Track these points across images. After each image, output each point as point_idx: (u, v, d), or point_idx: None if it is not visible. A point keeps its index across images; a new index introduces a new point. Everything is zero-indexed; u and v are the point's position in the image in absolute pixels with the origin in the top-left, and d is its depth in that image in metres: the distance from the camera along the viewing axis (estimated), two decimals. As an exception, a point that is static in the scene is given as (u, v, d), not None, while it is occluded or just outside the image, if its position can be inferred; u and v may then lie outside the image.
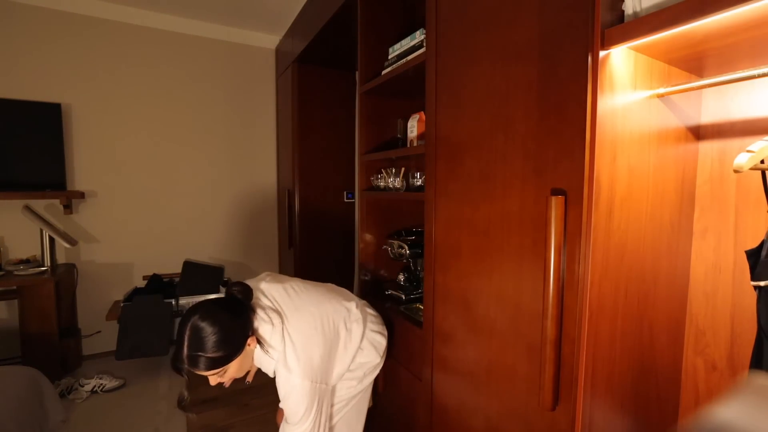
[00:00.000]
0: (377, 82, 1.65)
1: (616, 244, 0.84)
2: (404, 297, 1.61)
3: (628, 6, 0.77)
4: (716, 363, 1.01)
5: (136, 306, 2.46)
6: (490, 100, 1.02)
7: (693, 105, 1.00)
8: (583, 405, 0.81)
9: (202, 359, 1.00)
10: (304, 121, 2.81)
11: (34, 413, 1.53)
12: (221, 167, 3.14)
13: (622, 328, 0.88)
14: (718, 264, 1.00)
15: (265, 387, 2.33)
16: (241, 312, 1.12)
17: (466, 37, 1.09)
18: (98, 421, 1.99)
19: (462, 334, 1.16)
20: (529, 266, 0.92)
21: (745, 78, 0.74)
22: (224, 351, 1.02)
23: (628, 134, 0.83)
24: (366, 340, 1.36)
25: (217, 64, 3.06)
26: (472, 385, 1.12)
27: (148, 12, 2.80)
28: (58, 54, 2.59)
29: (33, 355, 2.25)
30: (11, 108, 2.42)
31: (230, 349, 1.03)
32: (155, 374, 2.51)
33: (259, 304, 1.20)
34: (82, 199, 2.71)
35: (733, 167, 0.74)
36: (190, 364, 1.01)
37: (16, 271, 2.35)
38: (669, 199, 0.96)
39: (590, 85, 0.76)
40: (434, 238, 1.27)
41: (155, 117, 2.90)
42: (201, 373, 1.04)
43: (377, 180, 1.74)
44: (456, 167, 1.16)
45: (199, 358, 1.00)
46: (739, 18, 0.64)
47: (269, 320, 1.16)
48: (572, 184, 0.81)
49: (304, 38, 2.51)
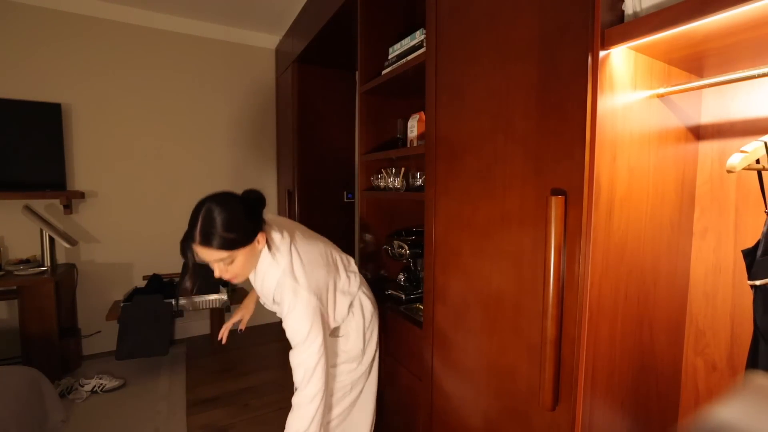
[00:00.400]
0: (377, 82, 1.65)
1: (616, 244, 0.84)
2: (404, 297, 1.61)
3: (628, 6, 0.77)
4: (716, 363, 1.01)
5: (136, 306, 2.46)
6: (490, 100, 1.02)
7: (693, 105, 1.00)
8: (583, 405, 0.81)
9: (214, 236, 0.98)
10: (304, 121, 2.81)
11: (34, 413, 1.53)
12: (221, 167, 3.14)
13: (622, 328, 0.88)
14: (718, 264, 1.00)
15: (265, 387, 2.33)
16: (254, 211, 1.09)
17: (466, 37, 1.09)
18: (98, 421, 1.99)
19: (462, 334, 1.16)
20: (529, 266, 0.92)
21: (745, 78, 0.74)
22: (235, 234, 1.00)
23: (628, 134, 0.83)
24: (357, 299, 1.37)
25: (217, 64, 3.06)
26: (472, 385, 1.12)
27: (148, 12, 2.80)
28: (58, 54, 2.59)
29: (33, 355, 2.25)
30: (11, 108, 2.42)
31: (241, 235, 1.02)
32: (155, 374, 2.51)
33: (269, 222, 1.19)
34: (82, 199, 2.71)
35: (726, 167, 0.74)
36: (202, 240, 0.98)
37: (16, 271, 2.35)
38: (669, 199, 0.96)
39: (590, 85, 0.76)
40: (434, 238, 1.27)
41: (155, 117, 2.90)
42: (209, 256, 1.01)
43: (377, 180, 1.74)
44: (456, 167, 1.16)
45: (212, 235, 0.98)
46: (739, 18, 0.63)
47: (279, 231, 1.15)
48: (572, 184, 0.81)
49: (304, 38, 2.51)
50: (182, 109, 2.98)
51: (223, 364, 2.63)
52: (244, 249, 1.04)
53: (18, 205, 2.49)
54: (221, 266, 1.04)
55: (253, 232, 1.06)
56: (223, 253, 1.01)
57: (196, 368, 2.59)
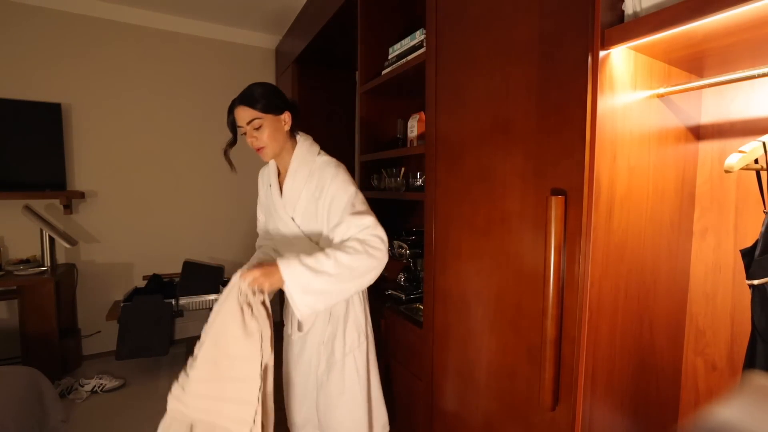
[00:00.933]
0: (377, 82, 1.65)
1: (616, 244, 0.84)
2: (404, 297, 1.61)
3: (628, 6, 0.77)
4: (716, 363, 1.01)
5: (136, 306, 2.46)
6: (490, 100, 1.02)
7: (693, 105, 1.00)
8: (583, 405, 0.81)
9: (249, 98, 1.17)
10: (303, 121, 2.81)
11: (34, 413, 1.53)
12: (221, 167, 3.13)
13: (622, 327, 0.88)
14: (718, 264, 1.00)
15: (265, 387, 2.33)
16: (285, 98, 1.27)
17: (466, 37, 1.09)
18: (98, 421, 1.99)
19: (462, 334, 1.16)
20: (529, 266, 0.92)
21: (745, 78, 0.75)
22: (266, 100, 1.18)
23: (628, 134, 0.83)
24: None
25: (217, 64, 3.06)
26: (472, 385, 1.12)
27: (148, 12, 2.80)
28: (58, 54, 2.59)
29: (33, 355, 2.25)
30: (11, 108, 2.42)
31: (272, 102, 1.20)
32: (155, 374, 2.51)
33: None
34: (82, 199, 2.71)
35: (724, 167, 0.74)
36: (240, 100, 1.18)
37: (16, 271, 2.35)
38: (669, 199, 0.96)
39: (590, 85, 0.76)
40: (434, 238, 1.27)
41: (155, 117, 2.90)
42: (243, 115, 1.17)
43: (377, 180, 1.74)
44: (456, 167, 1.16)
45: (248, 97, 1.18)
46: (739, 18, 0.64)
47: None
48: (572, 184, 0.81)
49: (304, 38, 2.51)
50: (182, 109, 2.98)
51: (223, 364, 2.63)
52: (271, 117, 1.20)
53: (18, 205, 2.49)
54: (251, 132, 1.19)
55: (280, 108, 1.22)
56: (254, 112, 1.17)
57: (196, 368, 2.59)
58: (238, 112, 1.19)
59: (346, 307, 1.28)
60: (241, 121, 1.19)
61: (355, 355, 1.27)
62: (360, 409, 1.27)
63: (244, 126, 1.19)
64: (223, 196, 3.17)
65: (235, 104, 1.20)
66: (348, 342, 1.27)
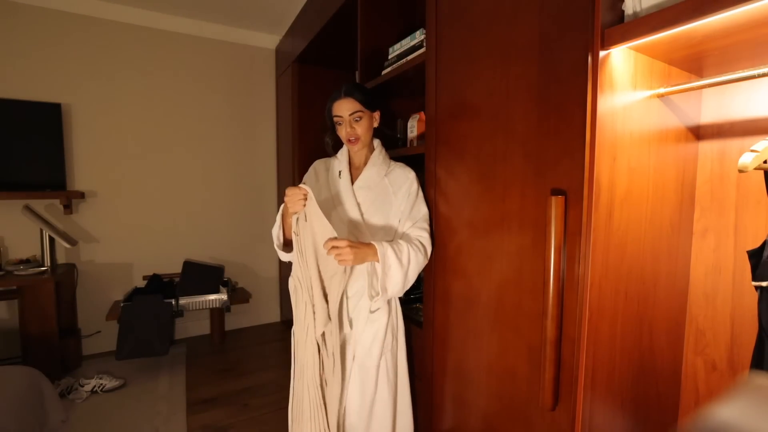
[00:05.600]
0: (377, 82, 1.65)
1: (616, 244, 0.84)
2: (404, 297, 1.61)
3: (628, 6, 0.77)
4: (716, 363, 1.01)
5: (136, 306, 2.46)
6: (490, 100, 1.02)
7: (693, 105, 1.00)
8: (583, 405, 0.81)
9: (356, 91, 1.27)
10: (304, 121, 2.81)
11: (34, 413, 1.53)
12: (221, 167, 3.14)
13: (622, 328, 0.88)
14: (718, 264, 1.00)
15: (264, 387, 2.33)
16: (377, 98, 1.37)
17: (466, 37, 1.09)
18: (98, 421, 1.99)
19: (462, 334, 1.16)
20: (529, 266, 0.92)
21: (745, 78, 0.74)
22: (369, 97, 1.30)
23: (628, 134, 0.83)
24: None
25: (217, 64, 3.06)
26: (473, 385, 1.12)
27: (148, 12, 2.80)
28: (58, 54, 2.59)
29: (33, 355, 2.25)
30: (11, 108, 2.42)
31: (373, 100, 1.31)
32: (155, 374, 2.51)
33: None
34: (82, 199, 2.70)
35: (738, 167, 0.73)
36: (346, 92, 1.27)
37: (16, 271, 2.34)
38: (669, 200, 0.96)
39: (590, 85, 0.76)
40: (434, 238, 1.27)
41: (155, 117, 2.90)
42: (347, 106, 1.26)
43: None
44: (456, 167, 1.16)
45: (355, 90, 1.28)
46: (739, 18, 0.64)
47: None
48: (572, 185, 0.81)
49: (304, 38, 2.51)
50: (182, 109, 2.98)
51: (223, 364, 2.63)
52: (369, 113, 1.31)
53: (18, 205, 2.49)
54: (351, 122, 1.27)
55: (376, 106, 1.34)
56: (357, 105, 1.26)
57: (196, 368, 2.59)
58: (343, 104, 1.27)
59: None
60: (344, 112, 1.26)
61: (386, 357, 1.26)
62: (385, 413, 1.25)
63: (346, 116, 1.26)
64: (223, 196, 3.17)
65: (340, 95, 1.28)
66: (387, 341, 1.26)
